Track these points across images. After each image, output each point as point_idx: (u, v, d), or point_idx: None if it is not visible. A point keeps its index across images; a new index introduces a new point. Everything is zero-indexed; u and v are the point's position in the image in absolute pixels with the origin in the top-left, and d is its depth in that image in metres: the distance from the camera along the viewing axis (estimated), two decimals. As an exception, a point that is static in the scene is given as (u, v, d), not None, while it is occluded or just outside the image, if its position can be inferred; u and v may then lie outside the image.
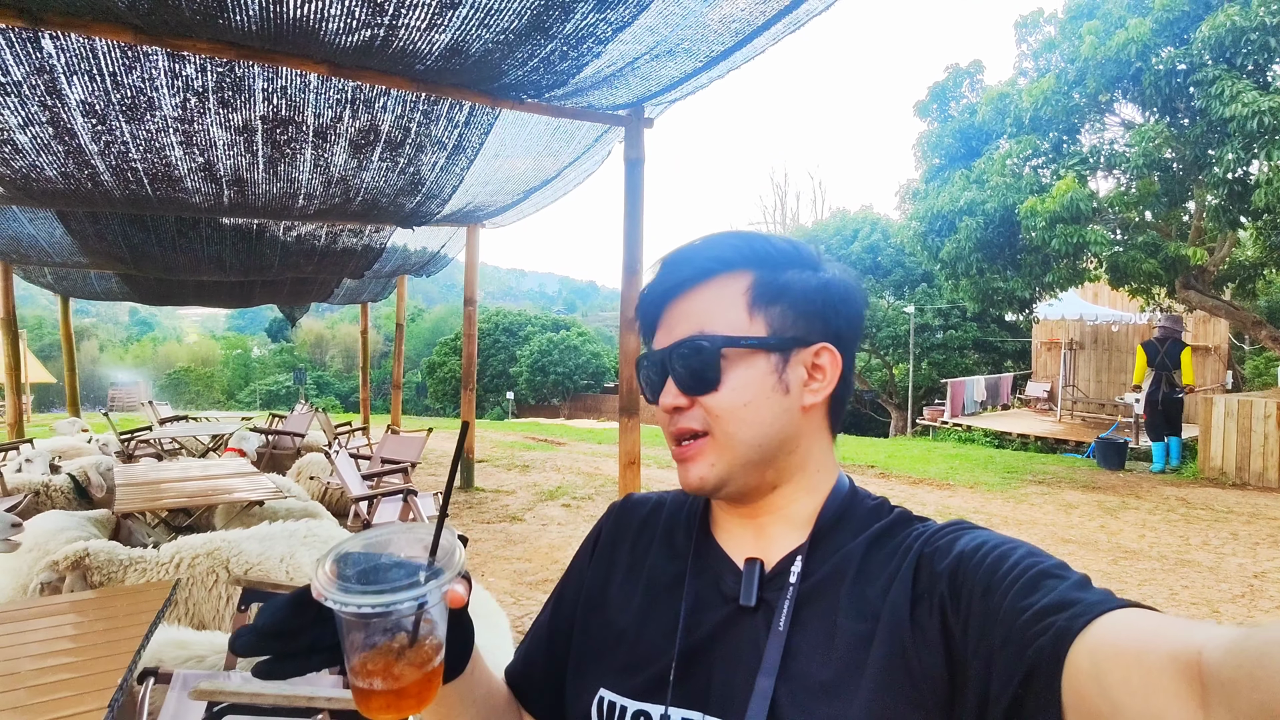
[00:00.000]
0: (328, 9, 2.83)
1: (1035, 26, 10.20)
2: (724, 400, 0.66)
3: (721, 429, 0.66)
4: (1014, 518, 6.60)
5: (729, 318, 0.67)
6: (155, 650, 2.07)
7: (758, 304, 0.67)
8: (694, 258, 0.70)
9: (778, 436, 0.67)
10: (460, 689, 0.68)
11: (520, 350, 30.88)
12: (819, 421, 0.70)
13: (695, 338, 0.66)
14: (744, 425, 0.66)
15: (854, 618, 0.61)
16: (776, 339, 0.67)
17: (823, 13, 3.15)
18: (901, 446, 12.45)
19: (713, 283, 0.68)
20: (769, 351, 0.67)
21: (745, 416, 0.66)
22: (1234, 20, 7.04)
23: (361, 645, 0.52)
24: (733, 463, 0.66)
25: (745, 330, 0.66)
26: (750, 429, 0.66)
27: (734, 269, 0.68)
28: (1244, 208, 7.75)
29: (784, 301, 0.68)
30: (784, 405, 0.67)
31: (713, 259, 0.69)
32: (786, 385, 0.67)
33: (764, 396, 0.66)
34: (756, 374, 0.66)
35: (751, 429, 0.66)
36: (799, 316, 0.68)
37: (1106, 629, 0.45)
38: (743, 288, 0.68)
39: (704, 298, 0.68)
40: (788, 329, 0.67)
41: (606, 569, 0.77)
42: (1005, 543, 0.58)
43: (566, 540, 5.74)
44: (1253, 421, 8.10)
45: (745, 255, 0.69)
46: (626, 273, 4.29)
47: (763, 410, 0.66)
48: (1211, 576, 4.89)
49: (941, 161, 10.86)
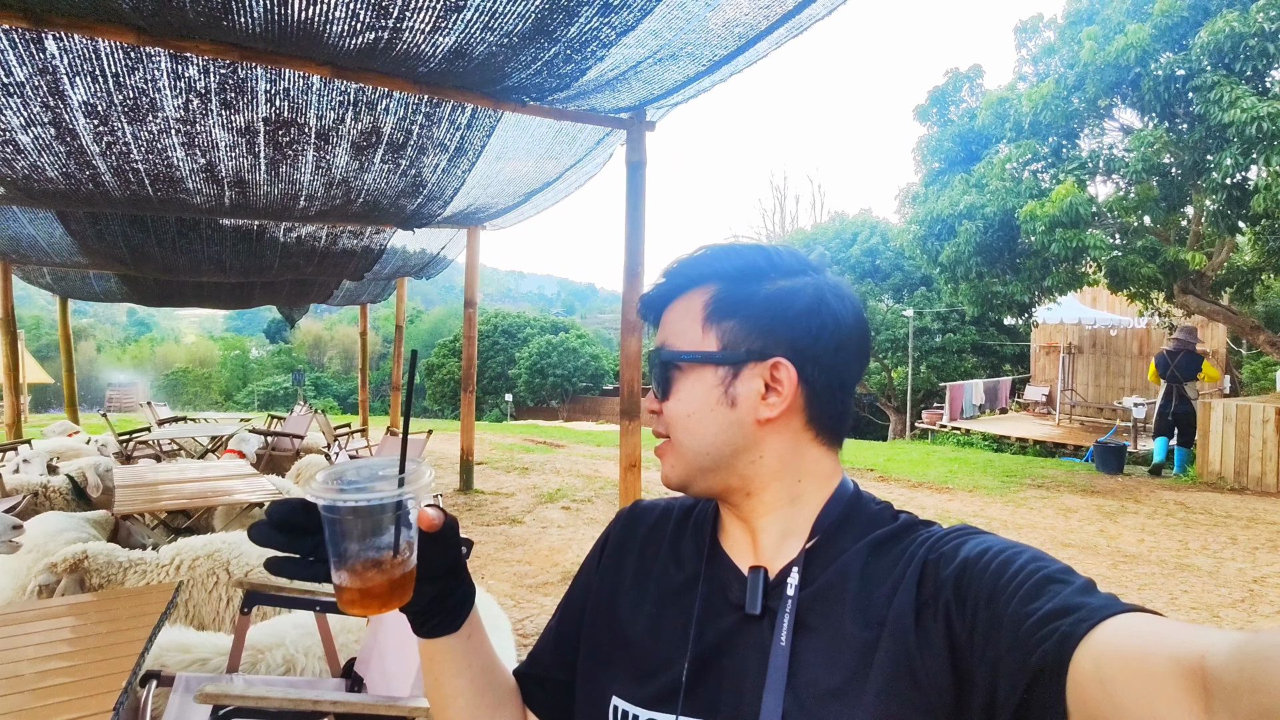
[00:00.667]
0: (332, 11, 2.83)
1: (1035, 31, 10.23)
2: (672, 410, 0.70)
3: (675, 435, 0.70)
4: (1013, 521, 6.60)
5: (686, 333, 0.71)
6: (157, 653, 2.06)
7: (711, 319, 0.70)
8: (671, 274, 0.74)
9: (727, 447, 0.68)
10: (454, 650, 0.70)
11: (519, 352, 30.87)
12: (786, 433, 0.69)
13: (658, 350, 0.72)
14: (689, 435, 0.69)
15: (859, 624, 0.61)
16: (723, 354, 0.68)
17: (825, 17, 3.16)
18: (900, 450, 12.46)
19: (685, 296, 0.72)
20: (716, 365, 0.69)
21: (690, 426, 0.69)
22: (1232, 26, 7.07)
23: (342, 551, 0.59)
24: (688, 467, 0.70)
25: (697, 345, 0.69)
26: (695, 438, 0.69)
27: (701, 284, 0.72)
28: (1242, 213, 7.77)
29: (738, 316, 0.69)
30: (731, 418, 0.68)
31: (683, 275, 0.73)
32: (733, 399, 0.68)
33: (707, 409, 0.69)
34: (702, 387, 0.69)
35: (696, 438, 0.69)
36: (752, 331, 0.68)
37: (1110, 633, 0.45)
38: (701, 303, 0.71)
39: (674, 312, 0.73)
40: (740, 343, 0.68)
41: (614, 575, 0.78)
42: (1010, 548, 0.58)
43: (567, 543, 5.74)
44: (1251, 426, 8.11)
45: (713, 270, 0.72)
46: (628, 275, 4.29)
47: (706, 422, 0.69)
48: (1211, 581, 4.90)
49: (941, 165, 10.88)
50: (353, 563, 0.59)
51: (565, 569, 5.04)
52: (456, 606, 0.69)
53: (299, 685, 1.88)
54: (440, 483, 8.02)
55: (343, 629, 2.22)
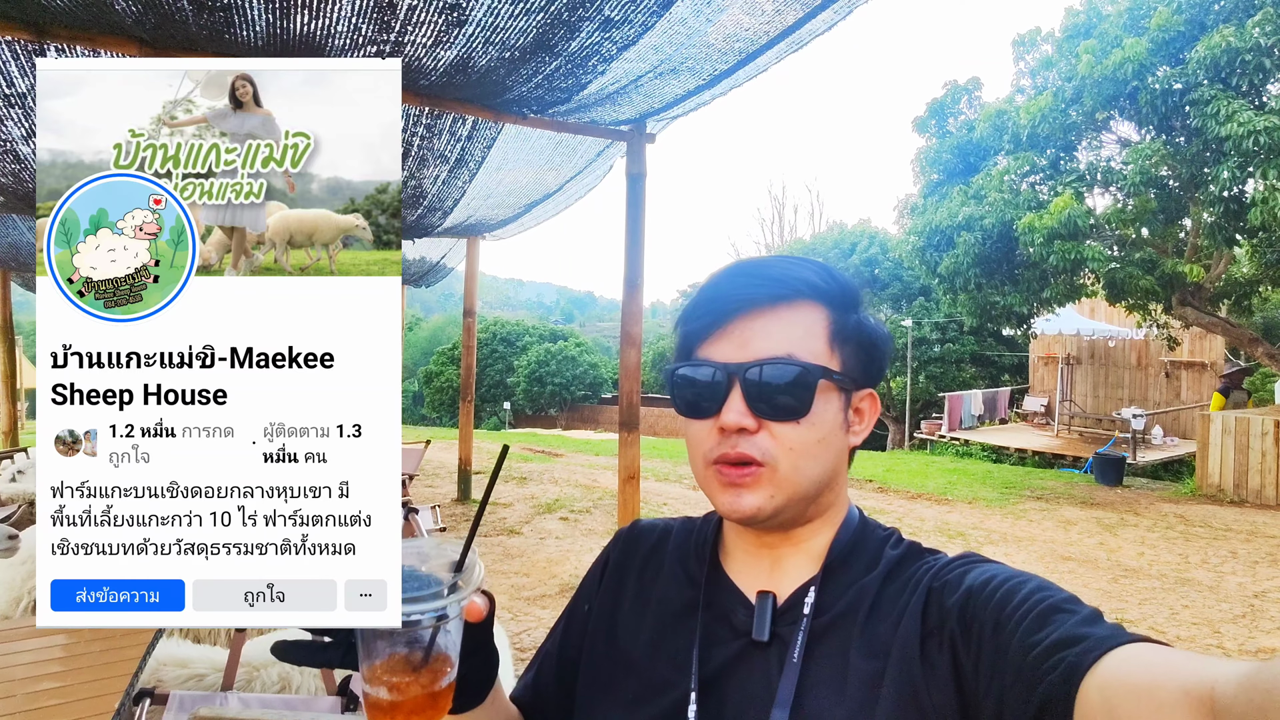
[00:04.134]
0: (334, 26, 2.84)
1: (1033, 45, 10.30)
2: (803, 433, 0.63)
3: (790, 461, 0.63)
4: (1013, 534, 6.58)
5: (814, 348, 0.65)
6: (153, 666, 2.04)
7: (836, 339, 0.67)
8: (780, 274, 0.67)
9: (831, 473, 0.67)
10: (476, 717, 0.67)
11: (518, 360, 30.85)
12: (847, 459, 0.71)
13: (790, 360, 0.63)
14: (813, 460, 0.64)
15: (865, 655, 0.61)
16: (850, 378, 0.67)
17: (825, 33, 3.18)
18: (899, 460, 12.44)
19: (797, 306, 0.66)
20: (843, 390, 0.67)
21: (817, 453, 0.64)
22: (1229, 41, 7.12)
23: (376, 652, 0.53)
24: (792, 496, 0.64)
25: (828, 364, 0.65)
26: (817, 465, 0.65)
27: (816, 297, 0.67)
28: (1239, 225, 7.81)
29: (854, 342, 0.68)
30: (844, 444, 0.68)
31: (800, 280, 0.66)
32: (849, 425, 0.68)
33: (834, 434, 0.66)
34: (833, 410, 0.66)
35: (818, 466, 0.65)
36: (861, 359, 0.69)
37: (1118, 664, 0.45)
38: (824, 319, 0.67)
39: (788, 319, 0.65)
40: (853, 370, 0.68)
41: (615, 596, 0.77)
42: (1015, 576, 0.58)
43: (564, 554, 5.71)
44: (1250, 439, 8.11)
45: (828, 285, 0.67)
46: (628, 287, 4.28)
47: (830, 448, 0.66)
48: (1212, 596, 4.88)
49: (940, 177, 10.92)
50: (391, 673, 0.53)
51: (563, 581, 5.01)
52: (484, 680, 0.64)
53: (294, 704, 1.85)
54: (438, 492, 7.99)
55: (339, 646, 2.19)
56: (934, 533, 6.54)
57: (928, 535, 6.40)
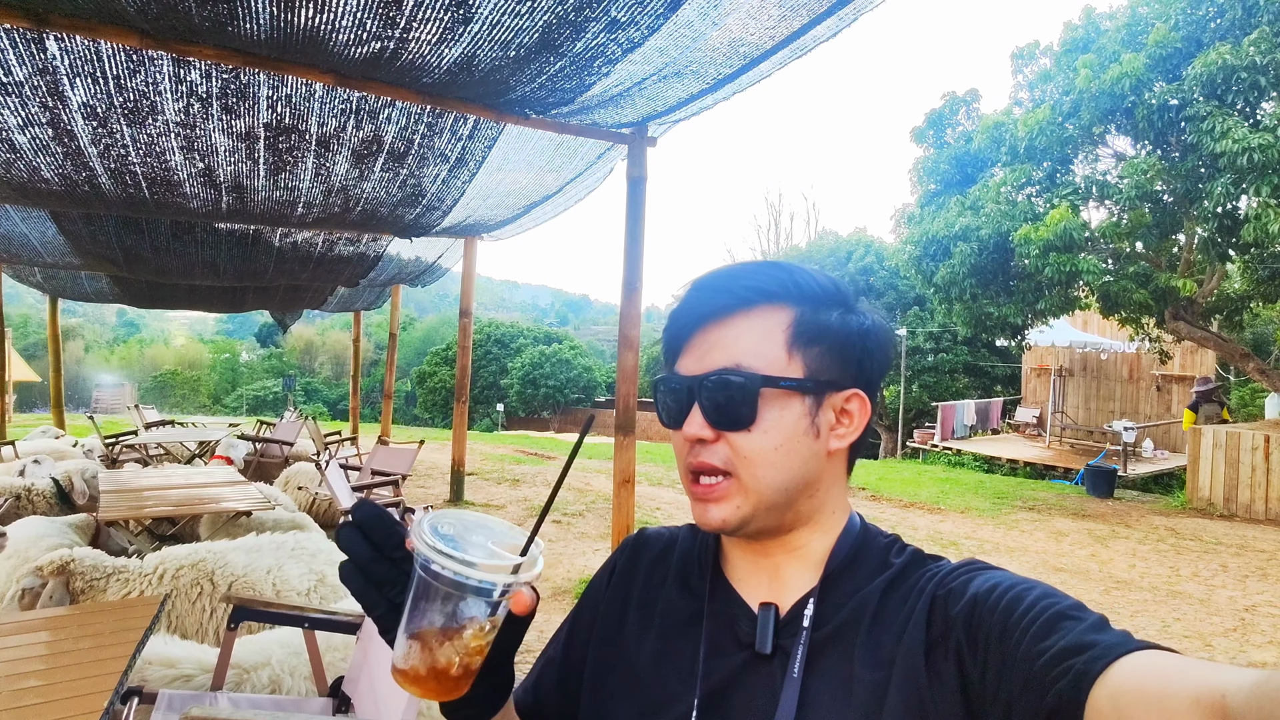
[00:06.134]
0: (339, 21, 2.82)
1: (1031, 58, 10.37)
2: (755, 441, 0.63)
3: (749, 471, 0.64)
4: (1005, 544, 6.59)
5: (767, 354, 0.64)
6: (140, 665, 2.01)
7: (797, 343, 0.65)
8: (733, 285, 0.67)
9: (802, 480, 0.65)
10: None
11: (512, 362, 30.79)
12: (840, 464, 0.69)
13: (730, 371, 0.64)
14: (772, 469, 0.64)
15: (869, 665, 0.60)
16: (813, 381, 0.65)
17: (829, 39, 3.19)
18: (892, 469, 12.46)
19: (752, 313, 0.66)
20: (804, 394, 0.65)
21: (775, 460, 0.64)
22: (1225, 59, 7.19)
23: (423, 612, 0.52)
24: (757, 505, 0.64)
25: (783, 369, 0.64)
26: (778, 473, 0.64)
27: (775, 302, 0.66)
28: (1233, 241, 7.87)
29: (823, 343, 0.66)
30: (813, 449, 0.65)
31: (753, 289, 0.66)
32: (818, 429, 0.65)
33: (795, 440, 0.64)
34: (791, 417, 0.64)
35: (779, 473, 0.64)
36: (835, 360, 0.66)
37: (1127, 671, 0.45)
38: (783, 324, 0.65)
39: (742, 328, 0.66)
40: (824, 372, 0.66)
41: (621, 606, 0.76)
42: (1020, 584, 0.57)
43: (558, 558, 5.68)
44: (1240, 453, 8.16)
45: (789, 289, 0.67)
46: (626, 290, 4.27)
47: (793, 454, 0.64)
48: (1203, 609, 4.89)
49: (937, 187, 10.97)
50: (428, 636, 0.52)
51: (556, 584, 4.98)
52: (501, 688, 0.62)
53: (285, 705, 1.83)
54: (430, 493, 7.94)
55: (329, 647, 2.17)
56: (927, 541, 6.54)
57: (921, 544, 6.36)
